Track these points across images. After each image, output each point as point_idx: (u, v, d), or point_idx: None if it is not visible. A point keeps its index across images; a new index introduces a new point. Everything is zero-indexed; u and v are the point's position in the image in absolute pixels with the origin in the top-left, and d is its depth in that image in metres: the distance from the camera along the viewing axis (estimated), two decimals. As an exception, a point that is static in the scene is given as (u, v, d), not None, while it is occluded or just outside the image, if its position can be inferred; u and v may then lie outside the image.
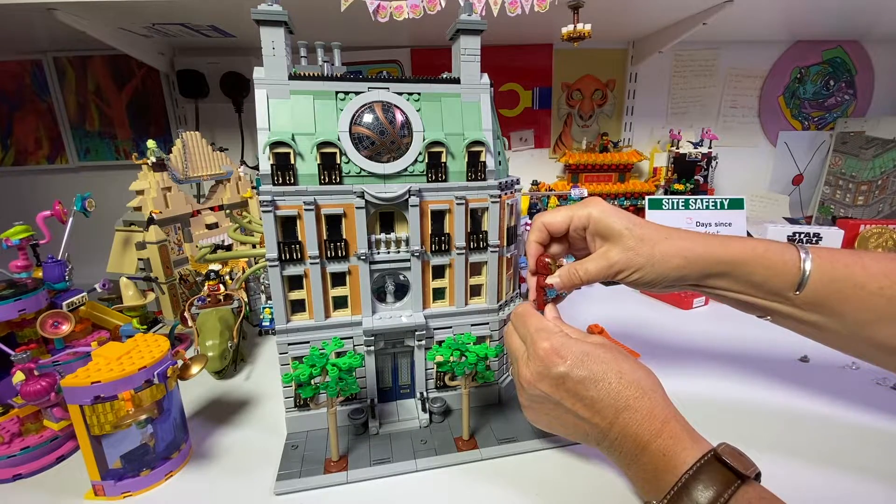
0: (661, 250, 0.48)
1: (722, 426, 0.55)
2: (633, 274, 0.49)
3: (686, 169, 1.37)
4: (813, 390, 0.62)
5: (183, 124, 1.29)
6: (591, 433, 0.42)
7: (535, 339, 0.44)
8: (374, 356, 0.55)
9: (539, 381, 0.43)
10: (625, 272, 0.49)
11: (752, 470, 0.34)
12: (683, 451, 0.37)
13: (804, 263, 0.46)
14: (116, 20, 0.94)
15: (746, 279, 0.48)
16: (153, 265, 0.83)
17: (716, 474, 0.34)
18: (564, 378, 0.41)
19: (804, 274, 0.46)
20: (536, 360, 0.43)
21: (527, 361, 0.45)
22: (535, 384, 0.43)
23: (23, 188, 1.31)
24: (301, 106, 0.50)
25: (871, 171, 1.39)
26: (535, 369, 0.43)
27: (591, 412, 0.41)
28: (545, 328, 0.45)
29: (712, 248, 0.49)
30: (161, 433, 0.49)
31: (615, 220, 0.50)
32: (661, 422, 0.38)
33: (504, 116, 1.41)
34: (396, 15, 0.80)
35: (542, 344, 0.43)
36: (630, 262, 0.49)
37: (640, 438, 0.38)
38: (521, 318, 0.48)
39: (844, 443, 0.52)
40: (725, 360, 0.71)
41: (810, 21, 1.23)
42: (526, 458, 0.51)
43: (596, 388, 0.40)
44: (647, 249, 0.48)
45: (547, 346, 0.43)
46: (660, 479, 0.37)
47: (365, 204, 0.50)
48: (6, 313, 0.53)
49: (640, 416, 0.39)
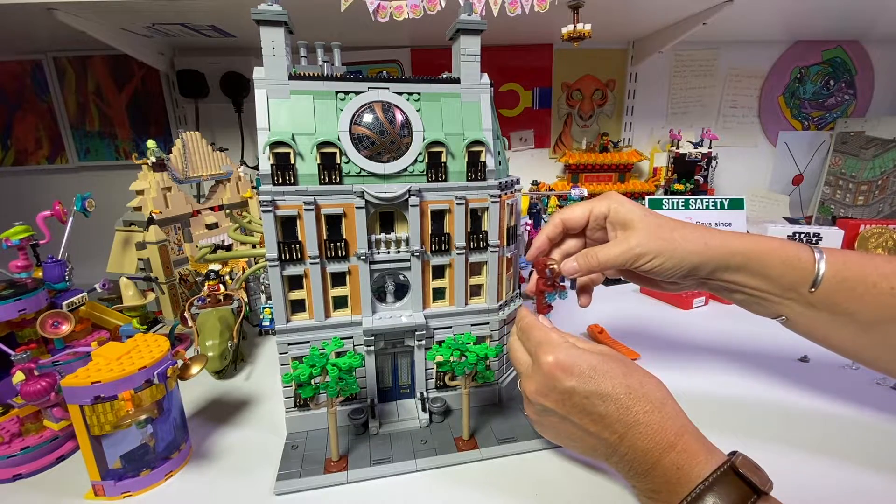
0: (680, 236, 0.48)
1: (722, 426, 0.55)
2: (653, 259, 0.48)
3: (686, 169, 1.37)
4: (813, 390, 0.62)
5: (183, 124, 1.29)
6: (600, 448, 0.41)
7: (539, 352, 0.43)
8: (374, 356, 0.55)
9: (544, 395, 0.42)
10: (644, 257, 0.48)
11: (769, 486, 0.34)
12: (698, 464, 0.36)
13: (819, 261, 0.46)
14: (116, 20, 0.94)
15: (763, 273, 0.48)
16: (153, 265, 0.83)
17: (732, 487, 0.33)
18: (571, 393, 0.40)
19: (819, 271, 0.46)
20: (541, 374, 0.42)
21: (531, 376, 0.44)
22: (541, 399, 0.42)
23: (23, 188, 1.31)
24: (301, 106, 0.50)
25: (871, 171, 1.39)
26: (540, 384, 0.42)
27: (599, 427, 0.40)
28: (549, 341, 0.44)
29: (729, 240, 0.49)
30: (161, 433, 0.49)
31: (634, 208, 0.50)
32: (674, 435, 0.37)
33: (504, 116, 1.41)
34: (396, 15, 0.80)
35: (546, 358, 0.42)
36: (650, 248, 0.48)
37: (651, 454, 0.37)
38: (524, 330, 0.47)
39: (844, 443, 0.52)
40: (725, 361, 0.71)
41: (810, 21, 1.23)
42: (526, 458, 0.51)
43: (604, 403, 0.39)
44: (666, 234, 0.48)
45: (552, 361, 0.42)
46: (672, 493, 0.36)
47: (365, 204, 0.50)
48: (6, 313, 0.53)
49: (650, 431, 0.38)
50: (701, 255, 0.48)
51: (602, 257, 0.50)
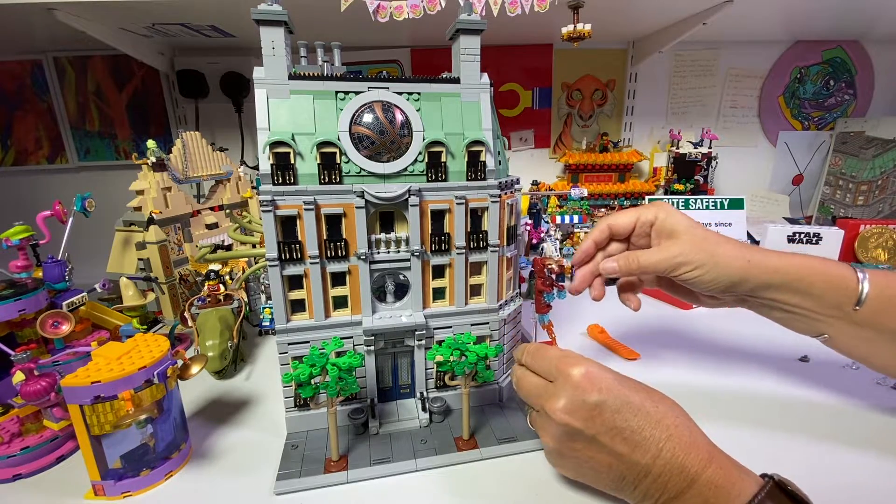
0: (724, 251, 0.48)
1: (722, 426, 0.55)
2: (694, 270, 0.49)
3: (686, 169, 1.37)
4: (813, 390, 0.62)
5: (183, 124, 1.29)
6: (629, 474, 0.38)
7: (563, 366, 0.41)
8: (374, 356, 0.55)
9: (572, 413, 0.39)
10: (685, 267, 0.49)
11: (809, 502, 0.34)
12: (736, 482, 0.35)
13: (862, 280, 0.47)
14: (116, 20, 0.94)
15: (806, 291, 0.48)
16: (153, 265, 0.83)
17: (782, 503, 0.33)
18: (601, 407, 0.38)
19: (863, 290, 0.46)
20: (569, 389, 0.40)
21: (555, 394, 0.41)
22: (567, 418, 0.39)
23: (23, 188, 1.31)
24: (301, 106, 0.50)
25: (871, 171, 1.39)
26: (568, 399, 0.40)
27: (630, 447, 0.37)
28: (570, 354, 0.43)
29: (771, 258, 0.49)
30: (161, 433, 0.49)
31: (681, 218, 0.51)
32: (707, 452, 0.36)
33: (504, 116, 1.41)
34: (396, 15, 0.80)
35: (573, 371, 0.40)
36: (692, 258, 0.48)
37: (689, 470, 0.35)
38: (535, 353, 0.46)
39: (845, 442, 0.52)
40: (726, 360, 0.71)
41: (810, 21, 1.23)
42: (526, 458, 0.51)
43: (635, 417, 0.38)
44: (710, 247, 0.49)
45: (581, 372, 0.40)
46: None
47: (365, 204, 0.50)
48: (6, 313, 0.53)
49: (684, 445, 0.36)
50: (742, 272, 0.48)
51: (643, 261, 0.50)
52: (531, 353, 0.46)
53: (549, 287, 0.53)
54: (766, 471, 0.36)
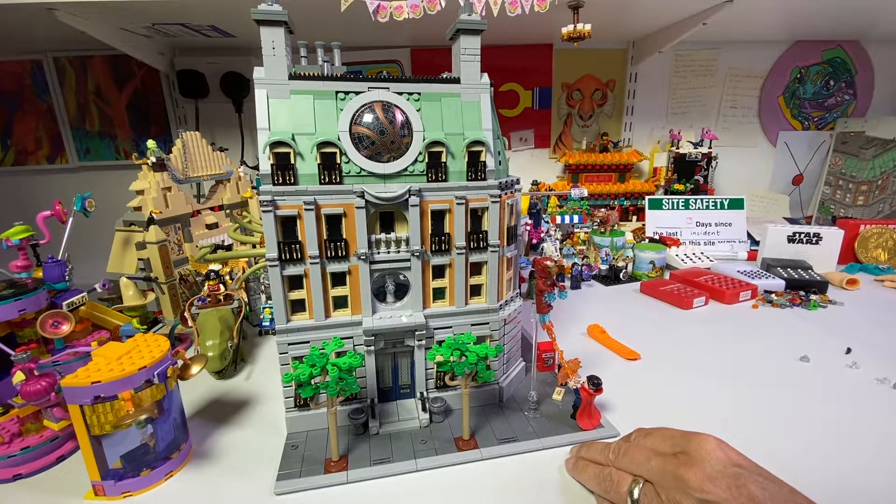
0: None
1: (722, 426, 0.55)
2: None
3: (686, 169, 1.37)
4: (813, 390, 0.62)
5: (183, 124, 1.29)
6: None
7: (692, 438, 0.41)
8: (374, 356, 0.55)
9: (714, 480, 0.37)
10: None
11: None
12: None
13: None
14: (116, 20, 0.94)
15: None
16: (153, 265, 0.83)
17: None
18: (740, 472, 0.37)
19: None
20: (705, 455, 0.39)
21: (689, 464, 0.39)
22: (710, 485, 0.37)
23: (23, 188, 1.31)
24: (301, 106, 0.50)
25: (871, 171, 1.39)
26: (709, 467, 0.38)
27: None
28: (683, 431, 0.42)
29: None
30: (161, 433, 0.49)
31: None
32: None
33: (504, 116, 1.41)
34: (396, 15, 0.80)
35: (705, 442, 0.39)
36: None
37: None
38: (623, 447, 0.44)
39: (845, 441, 0.52)
40: (726, 360, 0.71)
41: (810, 21, 1.23)
42: (526, 458, 0.51)
43: (765, 481, 0.36)
44: None
45: (716, 441, 0.39)
46: None
47: (365, 204, 0.50)
48: (6, 313, 0.53)
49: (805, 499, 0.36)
50: None
51: None
52: (619, 447, 0.45)
53: (550, 287, 0.53)
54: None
